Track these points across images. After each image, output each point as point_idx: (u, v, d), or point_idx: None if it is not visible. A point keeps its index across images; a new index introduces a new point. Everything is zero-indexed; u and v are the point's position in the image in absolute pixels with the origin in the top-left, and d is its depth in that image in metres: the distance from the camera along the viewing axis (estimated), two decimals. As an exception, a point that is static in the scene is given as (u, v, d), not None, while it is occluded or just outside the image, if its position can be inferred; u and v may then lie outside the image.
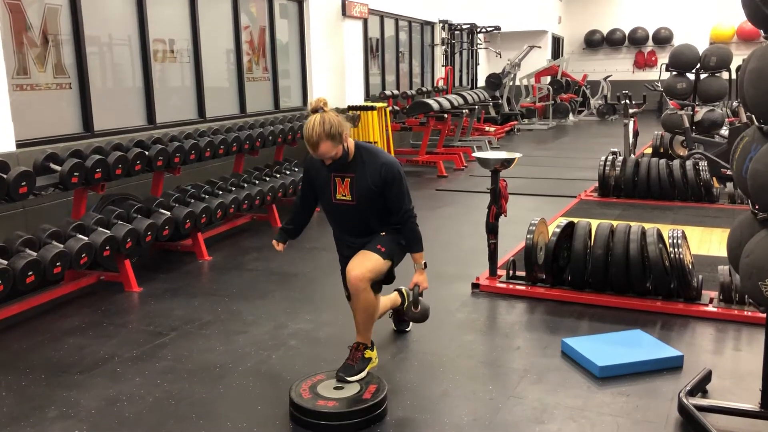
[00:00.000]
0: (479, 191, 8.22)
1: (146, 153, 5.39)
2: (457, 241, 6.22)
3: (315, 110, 3.12)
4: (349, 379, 3.24)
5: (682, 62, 9.31)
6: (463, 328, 4.20)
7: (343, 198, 3.30)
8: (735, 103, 12.42)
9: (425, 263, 3.45)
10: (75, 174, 4.73)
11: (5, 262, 4.06)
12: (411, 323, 4.12)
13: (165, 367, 3.69)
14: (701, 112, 9.18)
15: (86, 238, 4.58)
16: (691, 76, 9.34)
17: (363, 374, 3.29)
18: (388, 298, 3.88)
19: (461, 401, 3.27)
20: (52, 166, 4.74)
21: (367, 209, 3.31)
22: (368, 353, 3.40)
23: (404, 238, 3.39)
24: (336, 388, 3.19)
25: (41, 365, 3.74)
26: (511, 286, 4.78)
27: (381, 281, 3.43)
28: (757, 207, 2.60)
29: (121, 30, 6.32)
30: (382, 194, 3.26)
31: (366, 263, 3.27)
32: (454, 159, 10.59)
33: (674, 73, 9.45)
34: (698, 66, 9.22)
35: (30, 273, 4.12)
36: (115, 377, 3.58)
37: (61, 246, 4.41)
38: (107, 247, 4.67)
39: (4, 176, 4.24)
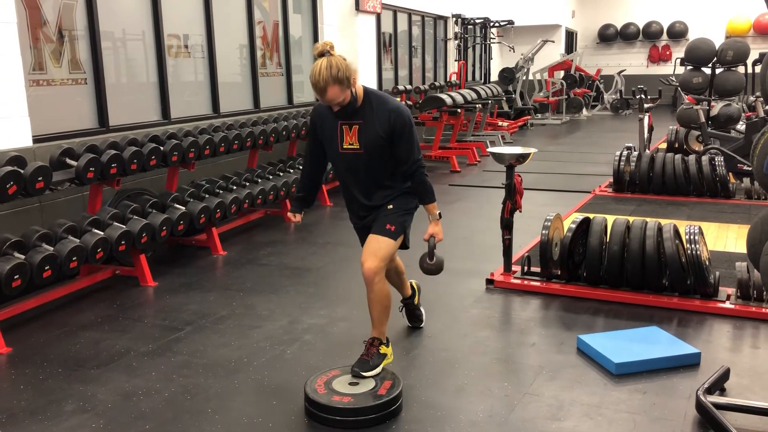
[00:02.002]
0: (492, 186, 8.20)
1: (161, 148, 5.41)
2: (470, 237, 6.21)
3: (321, 54, 3.03)
4: (364, 374, 3.23)
5: (697, 56, 9.22)
6: (478, 324, 4.19)
7: (351, 147, 3.20)
8: (752, 98, 12.28)
9: (440, 213, 3.37)
10: (91, 169, 4.75)
11: (22, 257, 4.09)
12: (424, 319, 4.11)
13: (180, 361, 3.71)
14: (717, 106, 9.09)
15: (102, 233, 4.60)
16: (707, 71, 9.25)
17: (378, 370, 3.28)
18: (401, 285, 3.86)
19: (476, 398, 3.26)
20: (68, 161, 4.76)
21: (375, 159, 3.21)
22: (383, 349, 3.39)
23: (414, 191, 3.32)
24: (351, 384, 3.19)
25: (58, 359, 3.77)
26: (525, 282, 4.76)
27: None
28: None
29: (136, 25, 6.34)
30: (390, 142, 3.17)
31: (378, 252, 3.24)
32: (467, 154, 10.55)
33: (689, 67, 9.36)
34: (714, 60, 9.13)
35: (47, 267, 4.15)
36: (131, 371, 3.60)
37: (77, 241, 4.44)
38: (123, 242, 4.69)
39: (21, 171, 4.26)
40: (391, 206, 3.32)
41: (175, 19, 6.70)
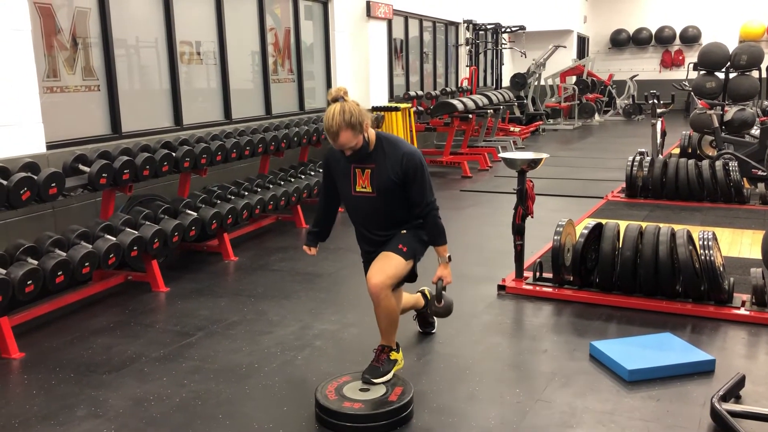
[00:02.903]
0: (504, 192, 8.17)
1: (173, 154, 5.44)
2: (482, 242, 6.18)
3: (335, 99, 3.06)
4: (374, 380, 3.22)
5: (711, 61, 9.17)
6: (489, 330, 4.17)
7: (363, 190, 3.23)
8: (766, 102, 12.20)
9: (449, 256, 3.36)
10: (103, 175, 4.78)
11: (35, 262, 4.12)
12: (436, 325, 4.10)
13: (191, 367, 3.71)
14: (731, 111, 9.03)
15: (114, 239, 4.62)
16: (721, 75, 9.20)
17: (389, 376, 3.27)
18: (412, 297, 3.85)
19: (488, 404, 3.24)
20: (81, 167, 4.79)
21: (388, 202, 3.23)
22: (394, 355, 3.38)
23: (427, 232, 3.31)
24: (362, 390, 3.18)
25: (70, 364, 3.78)
26: (537, 288, 4.73)
27: (403, 280, 3.38)
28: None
29: (149, 32, 6.38)
30: (403, 186, 3.18)
31: (387, 269, 3.21)
32: (479, 159, 10.53)
33: (703, 72, 9.31)
34: (728, 65, 9.07)
35: (59, 273, 4.17)
36: (143, 377, 3.60)
37: (90, 246, 4.46)
38: (135, 248, 4.71)
39: (35, 177, 4.29)
40: (405, 231, 3.31)
41: (187, 26, 6.74)
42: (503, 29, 15.85)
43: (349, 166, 3.24)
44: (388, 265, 3.23)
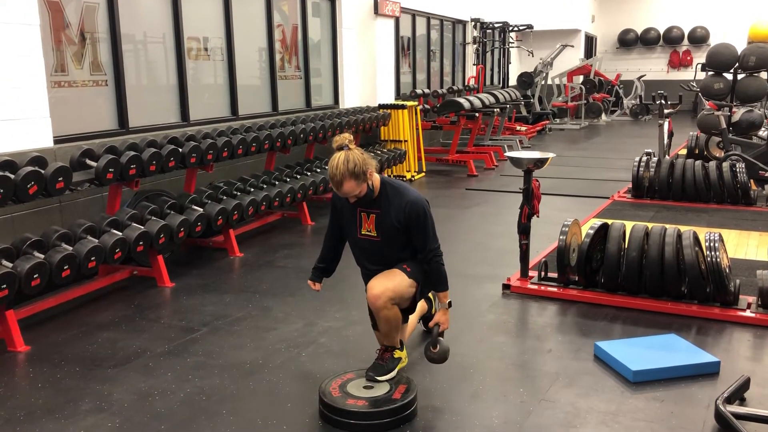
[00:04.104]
0: (510, 191, 8.16)
1: (180, 150, 5.45)
2: (487, 241, 6.18)
3: (339, 147, 3.07)
4: (378, 378, 3.23)
5: (719, 62, 9.14)
6: (494, 329, 4.17)
7: (368, 234, 3.25)
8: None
9: (450, 302, 3.36)
10: (110, 170, 4.79)
11: (42, 256, 4.13)
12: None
13: (196, 362, 3.72)
14: (739, 112, 8.99)
15: (120, 234, 4.64)
16: (729, 76, 9.16)
17: (393, 374, 3.28)
18: (416, 310, 3.83)
19: (492, 403, 3.24)
20: (88, 161, 4.81)
21: (393, 246, 3.25)
22: (398, 353, 3.38)
23: (429, 278, 3.31)
24: (366, 388, 3.18)
25: (76, 358, 3.80)
26: (542, 288, 4.73)
27: (406, 309, 3.35)
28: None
29: (157, 28, 6.39)
30: (406, 232, 3.20)
31: (387, 282, 3.21)
32: (485, 158, 10.52)
33: (711, 72, 9.27)
34: (736, 65, 9.03)
35: (66, 267, 4.19)
36: (147, 371, 3.61)
37: (96, 241, 4.47)
38: (141, 243, 4.73)
39: (42, 171, 4.31)
40: (406, 265, 3.30)
41: (195, 22, 6.75)
42: (511, 28, 15.82)
43: (354, 209, 3.26)
44: (390, 279, 3.23)
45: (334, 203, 3.41)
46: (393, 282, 3.21)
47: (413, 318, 3.74)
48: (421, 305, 3.90)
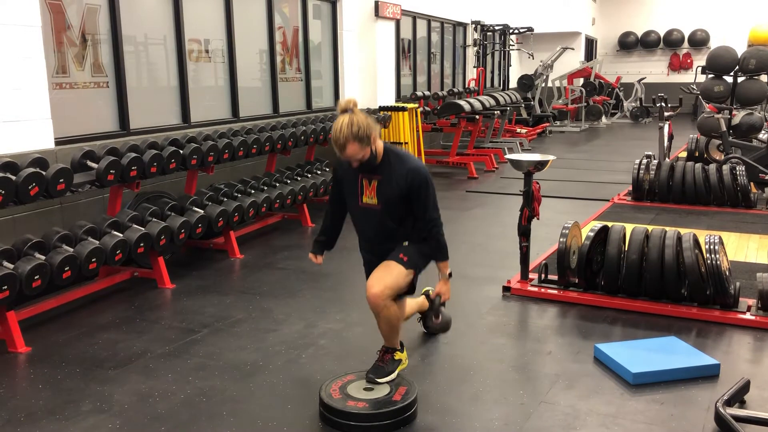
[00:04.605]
0: (510, 193, 8.17)
1: (181, 152, 5.46)
2: (487, 243, 6.18)
3: (344, 111, 3.07)
4: (379, 380, 3.23)
5: (719, 65, 9.15)
6: (494, 331, 4.17)
7: (370, 201, 3.24)
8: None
9: (450, 272, 3.36)
10: (111, 171, 4.80)
11: (43, 257, 4.14)
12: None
13: (196, 363, 3.73)
14: (739, 115, 9.00)
15: (121, 235, 4.64)
16: (729, 79, 9.17)
17: (393, 376, 3.28)
18: (416, 302, 3.85)
19: (492, 405, 3.25)
20: (89, 163, 4.81)
21: (393, 215, 3.24)
22: (398, 355, 3.39)
23: (429, 247, 3.30)
24: (366, 389, 3.18)
25: (76, 359, 3.80)
26: (542, 290, 4.73)
27: (402, 293, 3.36)
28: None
29: (158, 30, 6.41)
30: (407, 200, 3.19)
31: (386, 278, 3.21)
32: (485, 160, 10.52)
33: (711, 75, 9.28)
34: (736, 68, 9.04)
35: (66, 268, 4.19)
36: (148, 373, 3.62)
37: (97, 242, 4.48)
38: (141, 244, 4.73)
39: (43, 173, 4.31)
40: (407, 243, 3.31)
41: (196, 24, 6.76)
42: (511, 30, 15.84)
43: (357, 174, 3.24)
44: (388, 274, 3.22)
45: (336, 173, 3.39)
46: (390, 277, 3.21)
47: (413, 305, 3.73)
48: (421, 302, 3.91)
